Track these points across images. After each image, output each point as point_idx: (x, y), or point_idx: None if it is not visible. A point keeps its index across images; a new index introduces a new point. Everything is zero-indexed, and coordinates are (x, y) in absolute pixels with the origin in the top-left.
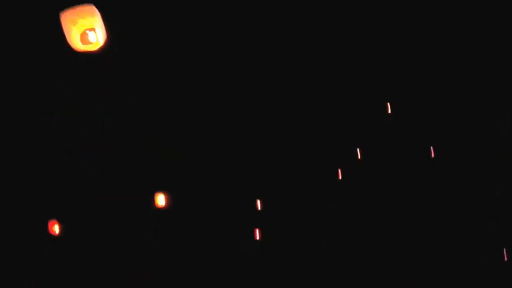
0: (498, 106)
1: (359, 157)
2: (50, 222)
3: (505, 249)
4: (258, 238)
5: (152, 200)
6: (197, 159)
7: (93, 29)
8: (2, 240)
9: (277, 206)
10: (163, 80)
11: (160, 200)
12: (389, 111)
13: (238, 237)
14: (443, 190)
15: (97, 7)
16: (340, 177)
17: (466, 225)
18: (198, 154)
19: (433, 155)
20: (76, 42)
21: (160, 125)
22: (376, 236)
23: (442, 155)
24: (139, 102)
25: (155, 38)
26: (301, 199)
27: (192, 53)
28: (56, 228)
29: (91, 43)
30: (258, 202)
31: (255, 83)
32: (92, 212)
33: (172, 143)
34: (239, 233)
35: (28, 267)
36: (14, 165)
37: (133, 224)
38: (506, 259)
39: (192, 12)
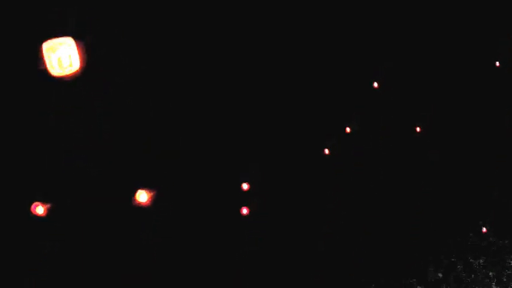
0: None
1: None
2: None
3: None
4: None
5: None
6: (194, 160)
7: (68, 55)
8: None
9: (276, 206)
10: (160, 81)
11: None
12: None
13: (237, 237)
14: (442, 190)
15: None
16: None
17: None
18: (195, 155)
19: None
20: (53, 68)
21: (158, 126)
22: (374, 235)
23: (441, 156)
24: (137, 103)
25: (152, 40)
26: (298, 199)
27: (189, 54)
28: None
29: (66, 67)
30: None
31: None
32: (90, 212)
33: (170, 144)
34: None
35: (27, 267)
36: (12, 165)
37: (130, 224)
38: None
39: (188, 13)
